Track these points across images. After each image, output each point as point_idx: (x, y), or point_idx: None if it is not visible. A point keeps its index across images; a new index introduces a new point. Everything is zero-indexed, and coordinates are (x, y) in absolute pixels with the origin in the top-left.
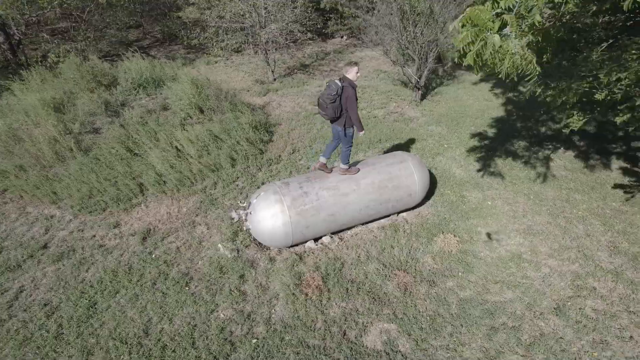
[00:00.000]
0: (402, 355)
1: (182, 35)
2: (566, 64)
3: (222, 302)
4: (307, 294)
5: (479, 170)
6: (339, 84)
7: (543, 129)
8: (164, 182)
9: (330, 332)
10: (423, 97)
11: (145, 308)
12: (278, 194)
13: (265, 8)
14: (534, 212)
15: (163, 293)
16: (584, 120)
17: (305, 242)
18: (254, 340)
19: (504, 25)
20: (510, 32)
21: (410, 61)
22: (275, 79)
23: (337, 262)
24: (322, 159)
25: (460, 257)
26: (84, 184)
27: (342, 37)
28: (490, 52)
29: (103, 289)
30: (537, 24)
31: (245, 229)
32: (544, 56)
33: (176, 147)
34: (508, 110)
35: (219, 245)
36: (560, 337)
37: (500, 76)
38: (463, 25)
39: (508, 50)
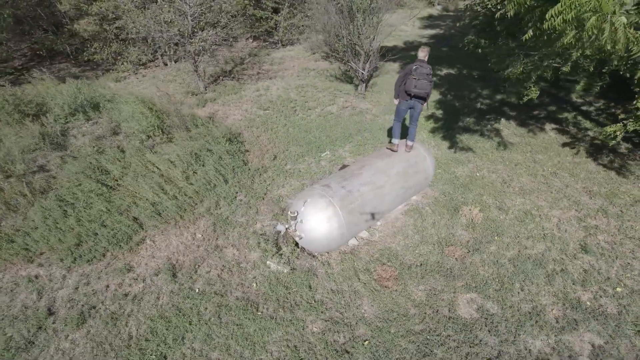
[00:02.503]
0: (496, 317)
1: (72, 51)
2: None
3: (306, 316)
4: (387, 286)
5: (449, 148)
6: (427, 64)
7: (478, 105)
8: (159, 211)
9: (426, 314)
10: (364, 90)
11: (228, 345)
12: (326, 196)
13: (193, 15)
14: (517, 175)
15: (237, 324)
16: (537, 92)
17: (349, 239)
18: (365, 342)
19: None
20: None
21: (356, 56)
22: (206, 89)
23: (390, 252)
24: (397, 141)
25: (487, 224)
26: (64, 231)
27: (247, 39)
28: (611, 32)
29: (163, 339)
30: None
31: (295, 239)
32: None
33: (156, 171)
34: (442, 92)
35: (268, 262)
36: (599, 270)
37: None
38: (560, 13)
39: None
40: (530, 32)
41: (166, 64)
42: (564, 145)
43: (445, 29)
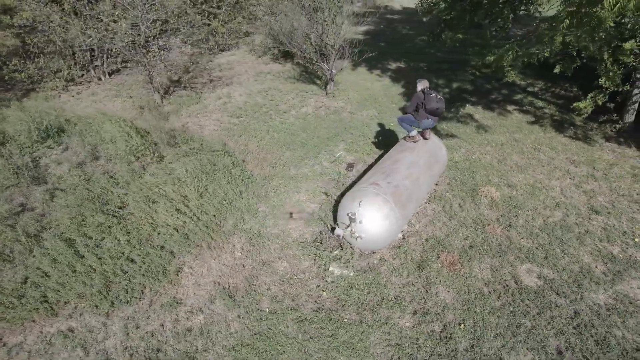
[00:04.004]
0: (557, 281)
1: None
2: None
3: (391, 313)
4: (456, 270)
5: (448, 136)
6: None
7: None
8: (186, 235)
9: (497, 290)
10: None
11: (333, 357)
12: (380, 194)
13: (146, 22)
14: (507, 154)
15: (330, 335)
16: (516, 75)
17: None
18: (461, 325)
19: None
20: None
21: (324, 56)
22: (163, 101)
23: (436, 239)
24: (415, 132)
25: (506, 201)
26: (85, 273)
27: (178, 47)
28: None
29: None
30: None
31: (352, 240)
32: None
33: (168, 192)
34: (401, 83)
35: (331, 268)
36: (613, 226)
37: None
38: None
39: None
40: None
41: (100, 78)
42: (531, 123)
43: (374, 24)
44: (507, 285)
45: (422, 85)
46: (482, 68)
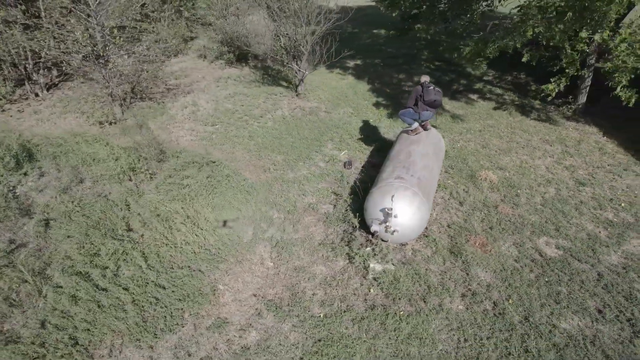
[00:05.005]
0: (574, 249)
1: None
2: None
3: (442, 300)
4: (488, 251)
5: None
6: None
7: (405, 88)
8: (211, 251)
9: (528, 264)
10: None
11: (403, 349)
12: (409, 187)
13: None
14: (487, 139)
15: (393, 329)
16: (485, 65)
17: None
18: (509, 301)
19: None
20: None
21: (295, 57)
22: (123, 113)
23: (457, 226)
24: (416, 124)
25: (503, 182)
26: (114, 306)
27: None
28: None
29: None
30: None
31: (389, 235)
32: None
33: (178, 210)
34: (365, 80)
35: (372, 265)
36: (600, 195)
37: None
38: None
39: None
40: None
41: (37, 94)
42: (496, 109)
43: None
44: (534, 259)
45: (422, 79)
46: (460, 60)
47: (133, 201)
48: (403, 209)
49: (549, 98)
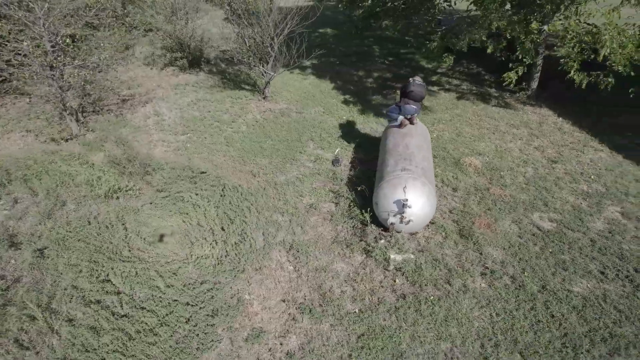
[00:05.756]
0: (564, 221)
1: None
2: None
3: (464, 281)
4: (494, 231)
5: (390, 121)
6: (420, 79)
7: (368, 84)
8: (231, 263)
9: (530, 239)
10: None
11: (444, 331)
12: (418, 178)
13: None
14: (459, 128)
15: (428, 314)
16: (452, 59)
17: None
18: (525, 274)
19: None
20: None
21: (262, 59)
22: (80, 129)
23: (458, 210)
24: (401, 117)
25: (485, 165)
26: (145, 332)
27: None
28: None
29: None
30: None
31: (403, 225)
32: None
33: (179, 225)
34: (327, 79)
35: (392, 256)
36: (571, 170)
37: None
38: None
39: None
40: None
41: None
42: (458, 99)
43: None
44: (534, 233)
45: (418, 77)
46: (428, 54)
47: (131, 220)
48: (415, 199)
49: (510, 85)
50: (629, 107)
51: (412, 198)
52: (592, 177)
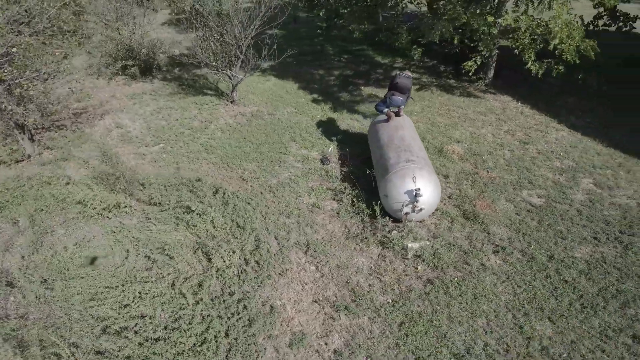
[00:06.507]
0: (550, 195)
1: None
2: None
3: (480, 259)
4: (495, 210)
5: (375, 115)
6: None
7: (331, 82)
8: (255, 271)
9: (527, 214)
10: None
11: (478, 308)
12: (424, 167)
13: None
14: (432, 118)
15: (458, 294)
16: (420, 51)
17: None
18: (532, 247)
19: None
20: None
21: (229, 63)
22: (35, 148)
23: (456, 195)
24: (389, 110)
25: (467, 152)
26: (184, 355)
27: None
28: None
29: (433, 343)
30: None
31: (417, 212)
32: None
33: (192, 238)
34: (289, 79)
35: (410, 244)
36: (542, 149)
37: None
38: None
39: None
40: None
41: None
42: (423, 91)
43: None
44: (529, 209)
45: (407, 72)
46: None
47: (131, 239)
48: (425, 187)
49: (470, 74)
50: (574, 91)
51: (425, 187)
52: (562, 154)
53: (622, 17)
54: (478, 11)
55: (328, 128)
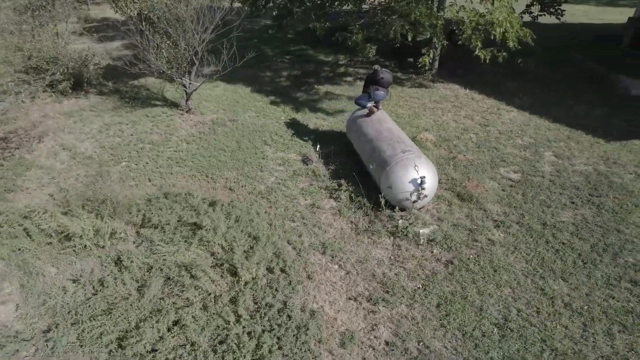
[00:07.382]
0: (524, 169)
1: None
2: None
3: (488, 236)
4: (487, 190)
5: (338, 112)
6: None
7: (284, 84)
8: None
9: (511, 189)
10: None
11: (500, 280)
12: (421, 156)
13: None
14: (394, 110)
15: (481, 271)
16: (375, 49)
17: None
18: (525, 217)
19: None
20: None
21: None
22: None
23: (444, 179)
24: (371, 104)
25: (439, 139)
26: None
27: None
28: None
29: (464, 324)
30: None
31: (421, 200)
32: None
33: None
34: (239, 83)
35: (421, 231)
36: (506, 130)
37: None
38: None
39: None
40: None
41: None
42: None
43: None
44: (511, 185)
45: (375, 67)
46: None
47: (143, 266)
48: (428, 175)
49: (426, 67)
50: (515, 76)
51: (426, 175)
52: (519, 132)
53: (549, 3)
54: (425, 7)
55: (297, 129)
